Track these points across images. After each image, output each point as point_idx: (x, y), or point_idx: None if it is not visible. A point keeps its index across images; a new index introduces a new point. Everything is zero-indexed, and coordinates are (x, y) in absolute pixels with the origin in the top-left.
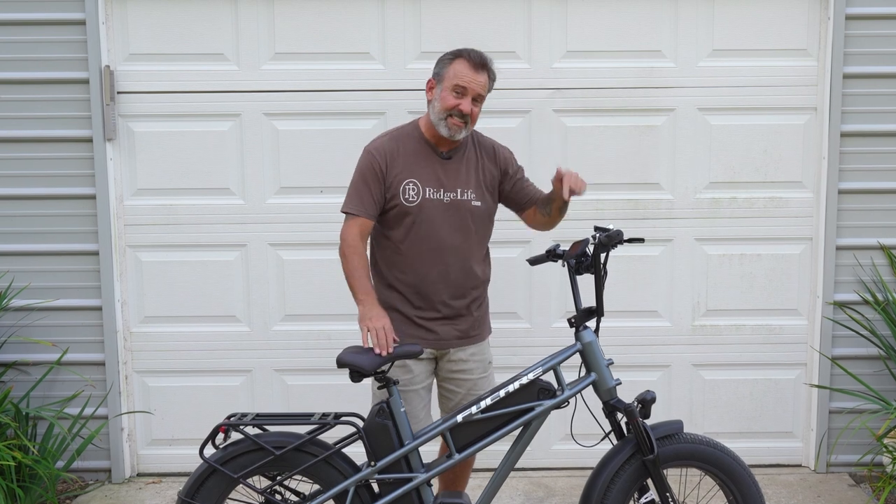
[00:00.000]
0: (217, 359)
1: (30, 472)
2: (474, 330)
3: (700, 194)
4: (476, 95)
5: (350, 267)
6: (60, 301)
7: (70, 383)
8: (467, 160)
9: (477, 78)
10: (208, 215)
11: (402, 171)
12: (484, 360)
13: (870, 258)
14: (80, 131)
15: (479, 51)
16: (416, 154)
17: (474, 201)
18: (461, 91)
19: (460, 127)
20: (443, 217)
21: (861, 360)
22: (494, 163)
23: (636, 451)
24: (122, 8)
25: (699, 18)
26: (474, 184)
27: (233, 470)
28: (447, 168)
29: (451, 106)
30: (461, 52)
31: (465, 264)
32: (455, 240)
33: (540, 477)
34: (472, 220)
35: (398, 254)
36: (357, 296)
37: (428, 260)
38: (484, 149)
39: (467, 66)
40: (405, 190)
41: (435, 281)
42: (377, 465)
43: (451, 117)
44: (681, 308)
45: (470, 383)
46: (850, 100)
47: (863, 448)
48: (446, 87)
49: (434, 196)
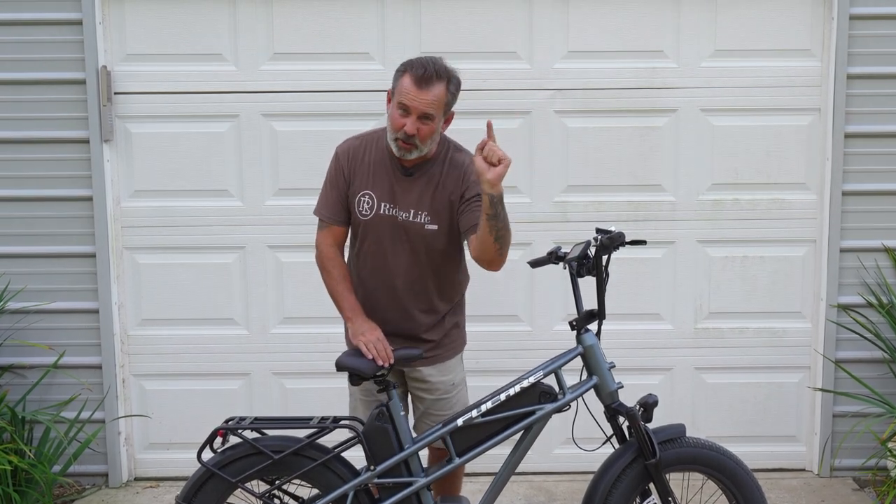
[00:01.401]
0: (215, 362)
1: (26, 476)
2: (430, 352)
3: (702, 196)
4: (422, 114)
5: (332, 282)
6: (57, 304)
7: (67, 387)
8: (428, 179)
9: (421, 96)
10: (206, 217)
11: (360, 181)
12: (446, 381)
13: (874, 260)
14: (77, 132)
15: (432, 60)
16: (379, 164)
17: (428, 224)
18: (405, 109)
19: (409, 148)
20: (394, 236)
21: (865, 364)
22: (460, 183)
23: (638, 456)
24: (119, 8)
25: (701, 18)
26: (428, 206)
27: (231, 474)
28: (405, 186)
29: (398, 126)
30: (408, 64)
31: (414, 288)
32: (405, 262)
33: (541, 481)
34: (425, 243)
35: (356, 263)
36: (344, 314)
37: (377, 278)
38: (452, 168)
39: (411, 82)
40: (360, 202)
41: (382, 301)
42: (377, 470)
43: (398, 139)
44: (683, 311)
45: (428, 402)
46: (854, 101)
47: (867, 452)
48: (394, 103)
49: (388, 213)
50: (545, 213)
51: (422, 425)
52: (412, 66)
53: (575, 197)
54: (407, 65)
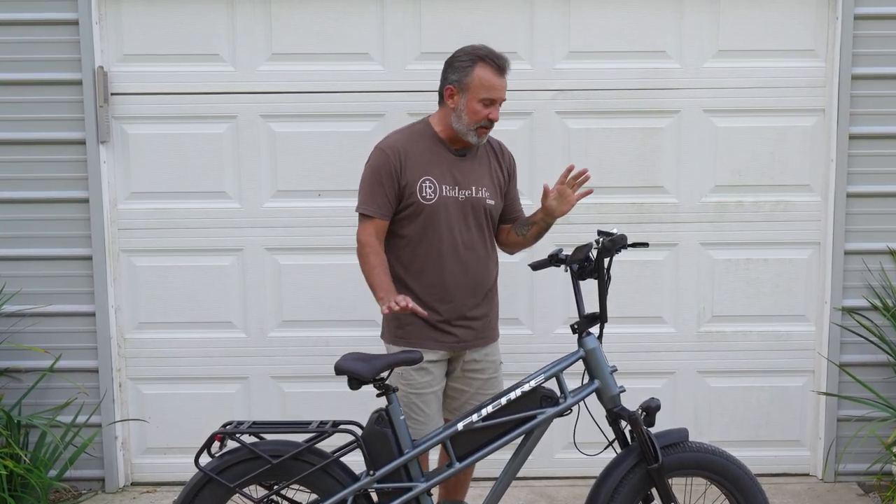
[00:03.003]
0: (213, 366)
1: (21, 481)
2: (488, 330)
3: (705, 198)
4: (502, 100)
5: (368, 266)
6: (53, 307)
7: (63, 391)
8: (480, 158)
9: (504, 84)
10: (204, 219)
11: (417, 169)
12: (495, 360)
13: (879, 263)
14: (73, 133)
15: (496, 51)
16: (430, 152)
17: (489, 199)
18: (491, 102)
19: (488, 133)
20: (459, 215)
21: (870, 367)
22: (502, 163)
23: (640, 460)
24: (115, 8)
25: (704, 18)
26: (488, 182)
27: (229, 479)
28: (462, 166)
29: (483, 117)
30: (481, 55)
31: (481, 262)
32: (472, 238)
33: (542, 486)
34: (487, 218)
35: (414, 254)
36: (377, 294)
37: (446, 259)
38: (494, 148)
39: (492, 73)
40: (422, 188)
41: (453, 280)
42: (376, 475)
43: (481, 127)
44: (686, 314)
45: (479, 383)
46: (858, 101)
47: (872, 457)
48: (472, 97)
49: (450, 194)
50: None
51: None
52: (489, 58)
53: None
54: (478, 55)
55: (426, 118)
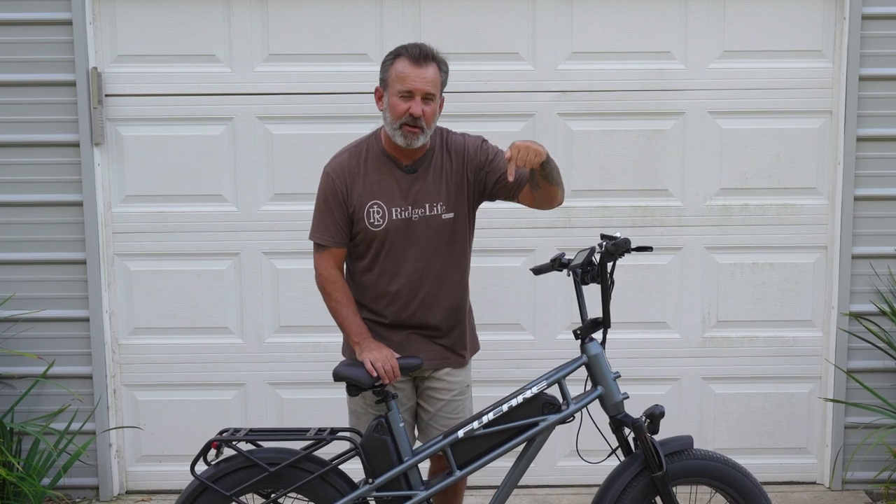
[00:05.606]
0: (209, 372)
1: (14, 489)
2: (456, 350)
3: (710, 201)
4: (425, 94)
5: (336, 305)
6: (46, 312)
7: (56, 397)
8: (434, 169)
9: (421, 74)
10: (200, 223)
11: (364, 193)
12: (462, 382)
13: (887, 267)
14: (67, 135)
15: (421, 43)
16: (377, 171)
17: (445, 214)
18: (408, 94)
19: (416, 133)
20: (413, 238)
21: (878, 374)
22: (465, 162)
23: (644, 468)
24: (109, 8)
25: (710, 18)
26: (444, 194)
27: (225, 487)
28: (413, 183)
29: (402, 112)
30: (400, 49)
31: (441, 284)
32: (428, 260)
33: (544, 494)
34: (446, 234)
35: (369, 280)
36: (351, 338)
37: (401, 284)
38: (454, 150)
39: (408, 63)
40: (369, 213)
41: (410, 305)
42: (375, 483)
43: (405, 125)
44: (690, 319)
45: (441, 403)
46: (866, 103)
47: (879, 464)
48: (391, 92)
49: (401, 216)
50: (549, 219)
51: (431, 430)
52: (404, 50)
53: (579, 202)
54: (397, 52)
55: (376, 132)
